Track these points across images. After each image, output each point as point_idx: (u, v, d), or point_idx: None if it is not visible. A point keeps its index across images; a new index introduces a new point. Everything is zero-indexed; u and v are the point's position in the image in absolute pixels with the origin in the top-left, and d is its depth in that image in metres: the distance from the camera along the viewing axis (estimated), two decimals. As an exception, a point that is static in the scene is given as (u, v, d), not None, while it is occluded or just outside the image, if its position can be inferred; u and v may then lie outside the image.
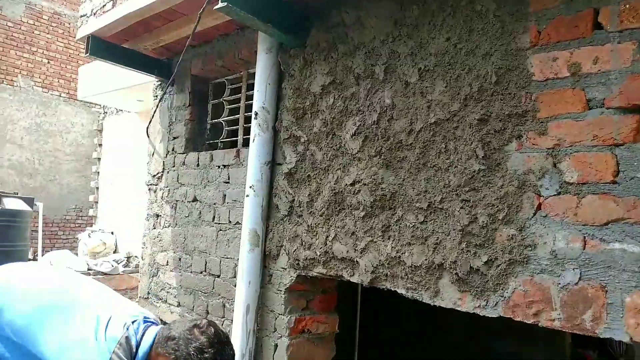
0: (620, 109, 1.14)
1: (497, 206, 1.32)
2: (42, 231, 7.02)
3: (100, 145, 8.03)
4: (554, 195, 1.23)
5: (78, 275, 1.80)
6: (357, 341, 3.35)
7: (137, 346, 1.47)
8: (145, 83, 4.04)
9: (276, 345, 2.01)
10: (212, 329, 1.50)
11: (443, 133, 1.47)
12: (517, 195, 1.29)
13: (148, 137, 3.22)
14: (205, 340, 1.46)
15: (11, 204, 6.00)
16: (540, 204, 1.25)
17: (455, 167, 1.43)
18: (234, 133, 2.68)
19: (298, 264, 1.95)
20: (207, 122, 2.89)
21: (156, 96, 3.18)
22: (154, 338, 1.50)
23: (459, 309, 1.40)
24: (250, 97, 2.33)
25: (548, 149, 1.25)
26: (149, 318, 1.60)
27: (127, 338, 1.45)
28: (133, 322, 1.51)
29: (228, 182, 2.43)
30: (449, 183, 1.43)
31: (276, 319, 2.04)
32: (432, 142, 1.50)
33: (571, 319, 1.17)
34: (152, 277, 2.93)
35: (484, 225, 1.34)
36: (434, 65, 1.52)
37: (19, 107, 8.82)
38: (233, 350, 1.55)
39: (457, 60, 1.46)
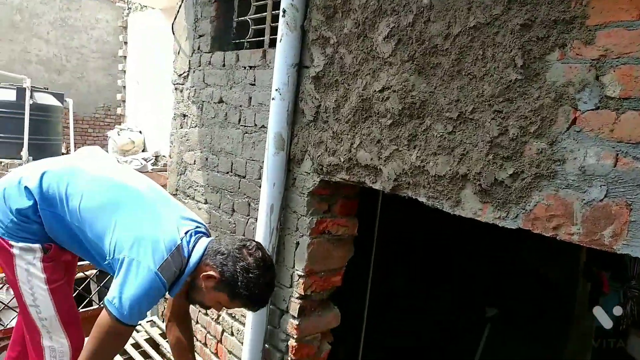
0: (681, 17, 1.04)
1: (531, 119, 1.28)
2: (73, 128, 7.23)
3: (125, 43, 7.93)
4: (592, 109, 1.18)
5: (139, 174, 1.88)
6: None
7: (189, 256, 1.58)
8: (169, -24, 3.86)
9: (297, 243, 2.12)
10: (259, 253, 1.62)
11: (482, 38, 1.39)
12: (552, 108, 1.24)
13: (173, 34, 3.15)
14: (252, 261, 1.58)
15: (43, 98, 6.14)
16: (575, 118, 1.20)
17: (491, 75, 1.37)
18: (261, 33, 2.59)
19: (322, 169, 1.98)
20: (233, 19, 2.79)
21: (181, -10, 3.05)
22: (204, 250, 1.61)
23: (478, 219, 1.42)
24: (278, -6, 2.21)
25: (593, 59, 1.17)
26: (200, 228, 1.70)
27: (179, 247, 1.56)
28: (187, 233, 1.61)
29: (254, 84, 2.41)
30: (483, 92, 1.38)
31: (298, 219, 2.12)
32: (469, 48, 1.42)
33: (590, 234, 1.18)
34: (180, 175, 3.03)
35: (514, 137, 1.31)
36: (479, -39, 1.39)
37: (43, 0, 8.61)
38: (275, 274, 1.68)
39: (506, -44, 1.33)
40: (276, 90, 2.06)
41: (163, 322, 3.07)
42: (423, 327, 4.11)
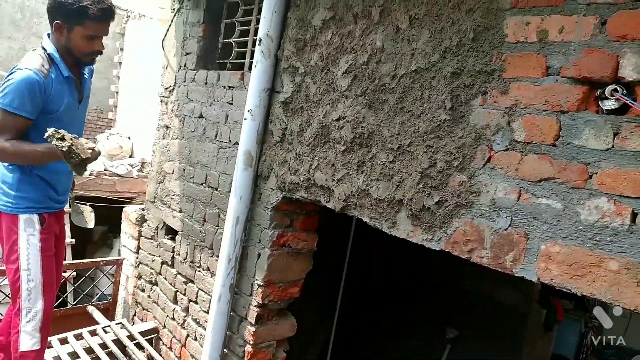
0: (572, 79, 1.23)
1: (455, 154, 1.46)
2: (64, 129, 7.32)
3: (121, 49, 8.09)
4: (503, 150, 1.36)
5: None
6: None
7: (44, 49, 1.96)
8: (165, -8, 4.05)
9: (259, 255, 2.28)
10: None
11: (421, 81, 1.58)
12: (472, 146, 1.43)
13: (163, 49, 3.34)
14: None
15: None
16: (490, 157, 1.39)
17: (426, 114, 1.55)
18: (244, 55, 2.78)
19: (284, 186, 2.15)
20: (219, 41, 2.98)
21: (173, 9, 3.25)
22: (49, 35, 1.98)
23: (410, 240, 1.60)
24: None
25: (506, 107, 1.36)
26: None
27: (32, 53, 1.95)
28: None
29: (232, 104, 2.58)
30: (418, 129, 1.57)
31: (261, 232, 2.28)
32: (411, 89, 1.61)
33: (496, 257, 1.36)
34: (159, 183, 3.19)
35: (441, 170, 1.50)
36: (423, 14, 1.59)
37: None
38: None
39: (443, 12, 1.53)
40: (248, 111, 2.24)
41: (132, 325, 3.19)
42: (385, 347, 4.25)
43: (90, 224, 5.50)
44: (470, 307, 3.74)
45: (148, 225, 3.31)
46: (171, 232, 3.07)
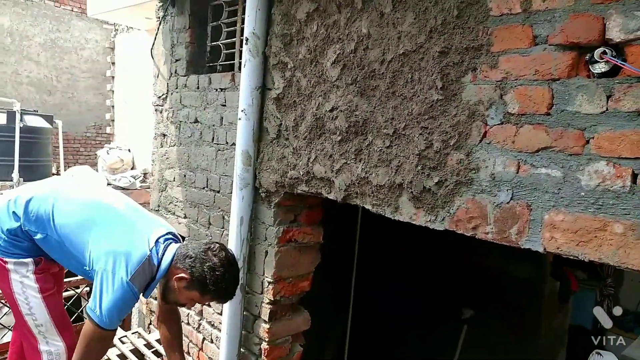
0: (560, 45, 1.23)
1: (450, 133, 1.46)
2: (64, 148, 7.38)
3: (113, 63, 8.11)
4: (498, 124, 1.36)
5: (117, 192, 2.09)
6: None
7: (159, 262, 1.78)
8: (151, 0, 4.04)
9: (266, 252, 2.28)
10: (223, 253, 1.83)
11: (410, 64, 1.58)
12: (467, 123, 1.42)
13: (152, 58, 3.34)
14: (217, 261, 1.78)
15: (32, 121, 6.29)
16: (486, 132, 1.38)
17: (417, 96, 1.55)
18: (233, 56, 2.77)
19: (285, 182, 2.15)
20: (207, 44, 2.97)
21: (159, 17, 3.24)
22: (173, 255, 1.81)
23: (413, 222, 1.59)
24: (245, 22, 2.39)
25: (497, 81, 1.36)
26: (170, 234, 1.89)
27: (149, 257, 1.75)
28: (157, 241, 1.80)
29: (225, 105, 2.58)
30: (412, 111, 1.57)
31: (267, 229, 2.29)
32: (400, 72, 1.61)
33: (501, 232, 1.35)
34: (161, 191, 3.19)
35: (438, 150, 1.49)
36: (406, -4, 1.58)
37: (33, 22, 8.80)
38: (238, 269, 1.89)
39: (426, -8, 1.52)
40: (242, 110, 2.24)
41: (149, 333, 3.21)
42: (402, 329, 4.26)
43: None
44: (486, 284, 3.73)
45: (155, 235, 3.32)
46: (178, 239, 3.08)
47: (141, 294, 1.77)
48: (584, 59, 1.21)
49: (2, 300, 2.34)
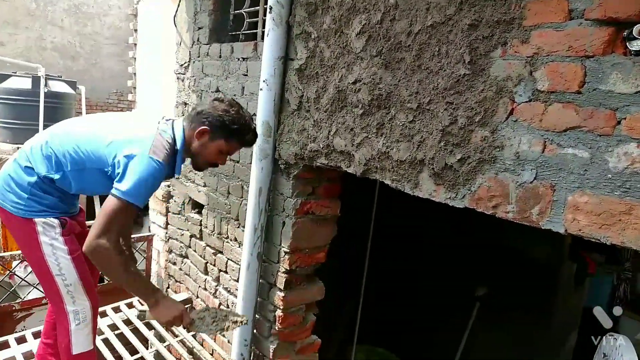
0: (596, 20, 1.17)
1: (476, 109, 1.43)
2: (87, 113, 7.47)
3: (135, 30, 8.09)
4: (526, 102, 1.32)
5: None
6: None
7: (173, 137, 1.85)
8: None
9: (284, 223, 2.30)
10: (227, 98, 1.94)
11: (438, 36, 1.53)
12: (494, 100, 1.39)
13: (175, 26, 3.32)
14: (226, 104, 1.89)
15: (56, 86, 6.37)
16: (512, 109, 1.35)
17: (444, 70, 1.51)
18: (256, 25, 2.74)
19: (304, 154, 2.15)
20: (230, 12, 2.94)
21: (182, -17, 3.21)
22: (182, 124, 1.90)
23: (433, 199, 1.58)
24: (269, -11, 2.35)
25: (527, 57, 1.31)
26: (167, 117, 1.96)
27: (159, 134, 1.80)
28: (159, 122, 1.88)
29: (247, 75, 2.57)
30: (437, 86, 1.53)
31: (285, 201, 2.30)
32: (427, 45, 1.57)
33: (522, 212, 1.34)
34: (182, 159, 3.22)
35: (462, 126, 1.47)
36: (437, -35, 1.53)
37: (57, -14, 8.79)
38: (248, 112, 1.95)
39: (458, -39, 1.46)
40: (264, 81, 2.22)
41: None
42: (414, 304, 4.30)
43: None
44: (501, 264, 3.72)
45: (174, 201, 3.37)
46: (197, 207, 3.13)
47: (171, 172, 1.84)
48: (621, 35, 1.16)
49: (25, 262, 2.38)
